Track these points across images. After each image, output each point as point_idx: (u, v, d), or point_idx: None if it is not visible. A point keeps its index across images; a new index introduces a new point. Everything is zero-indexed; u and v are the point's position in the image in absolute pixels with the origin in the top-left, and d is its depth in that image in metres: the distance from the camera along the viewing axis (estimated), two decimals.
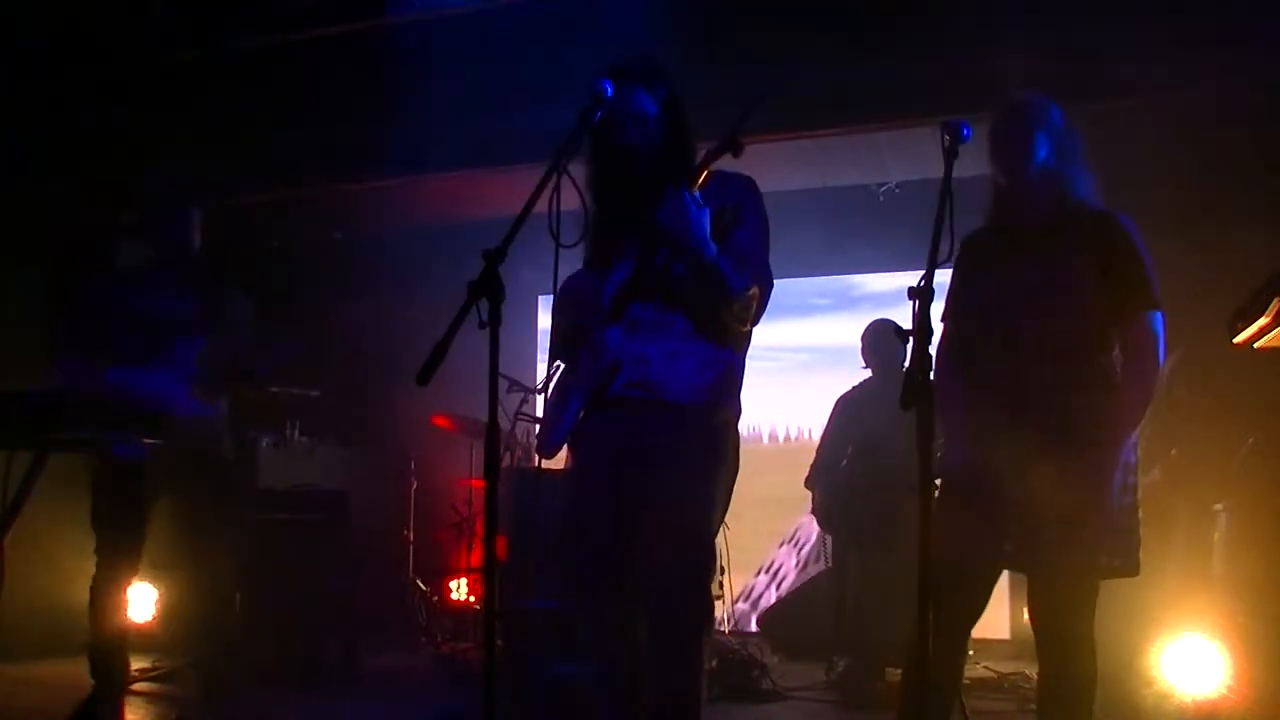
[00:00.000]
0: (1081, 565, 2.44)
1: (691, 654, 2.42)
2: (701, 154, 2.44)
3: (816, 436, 5.20)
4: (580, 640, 2.51)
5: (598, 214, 2.54)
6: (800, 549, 6.80)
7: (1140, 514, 2.51)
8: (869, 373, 4.98)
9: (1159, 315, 2.48)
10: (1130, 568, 2.47)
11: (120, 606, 3.55)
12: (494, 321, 2.03)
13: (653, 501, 2.41)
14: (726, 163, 2.42)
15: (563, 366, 2.62)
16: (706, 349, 2.47)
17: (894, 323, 2.82)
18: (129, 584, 3.58)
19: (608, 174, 2.53)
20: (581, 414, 2.52)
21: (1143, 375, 2.46)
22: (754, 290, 2.44)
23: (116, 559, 3.51)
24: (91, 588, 3.50)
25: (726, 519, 5.93)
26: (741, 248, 2.46)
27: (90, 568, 3.52)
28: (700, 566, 2.44)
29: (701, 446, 2.45)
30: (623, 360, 2.44)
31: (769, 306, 2.53)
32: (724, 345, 2.51)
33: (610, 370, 2.46)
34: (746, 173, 2.55)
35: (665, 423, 2.42)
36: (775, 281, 2.54)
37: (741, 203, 2.51)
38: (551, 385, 2.63)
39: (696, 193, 2.37)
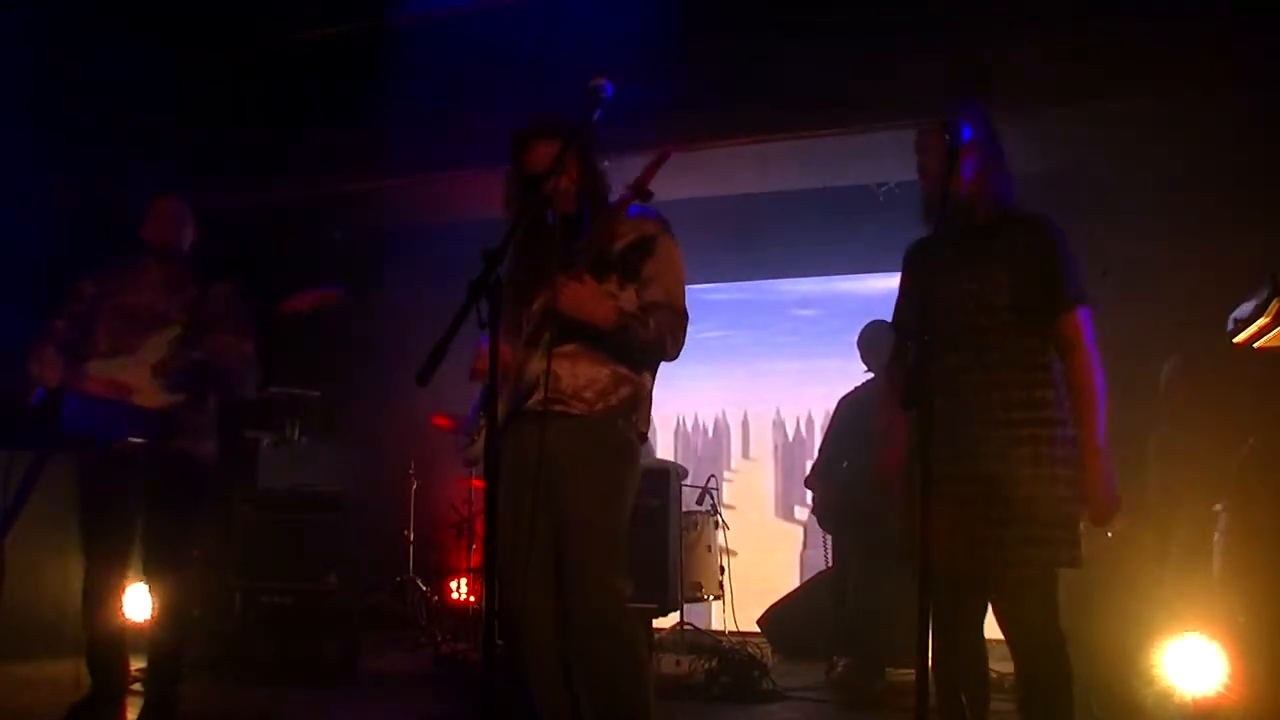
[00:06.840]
0: (1041, 559, 2.47)
1: (620, 641, 2.55)
2: (618, 197, 2.59)
3: None
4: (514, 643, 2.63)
5: (516, 258, 2.70)
6: None
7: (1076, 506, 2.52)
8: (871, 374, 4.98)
9: (1085, 310, 2.54)
10: (1076, 558, 2.50)
11: (113, 608, 3.52)
12: (494, 321, 2.04)
13: (566, 503, 2.58)
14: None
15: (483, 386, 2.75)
16: (616, 370, 2.64)
17: (891, 323, 2.82)
18: (121, 585, 3.56)
19: (526, 218, 2.57)
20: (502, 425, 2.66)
21: (1085, 372, 2.51)
22: (667, 340, 2.63)
23: (103, 560, 3.49)
24: (83, 590, 3.48)
25: (726, 519, 5.93)
26: (656, 294, 2.63)
27: None
28: (609, 562, 2.56)
29: (606, 453, 2.62)
30: (540, 380, 2.57)
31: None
32: (634, 368, 2.67)
33: (529, 389, 2.61)
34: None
35: (574, 432, 2.58)
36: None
37: (655, 239, 2.65)
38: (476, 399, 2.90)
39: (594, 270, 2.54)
